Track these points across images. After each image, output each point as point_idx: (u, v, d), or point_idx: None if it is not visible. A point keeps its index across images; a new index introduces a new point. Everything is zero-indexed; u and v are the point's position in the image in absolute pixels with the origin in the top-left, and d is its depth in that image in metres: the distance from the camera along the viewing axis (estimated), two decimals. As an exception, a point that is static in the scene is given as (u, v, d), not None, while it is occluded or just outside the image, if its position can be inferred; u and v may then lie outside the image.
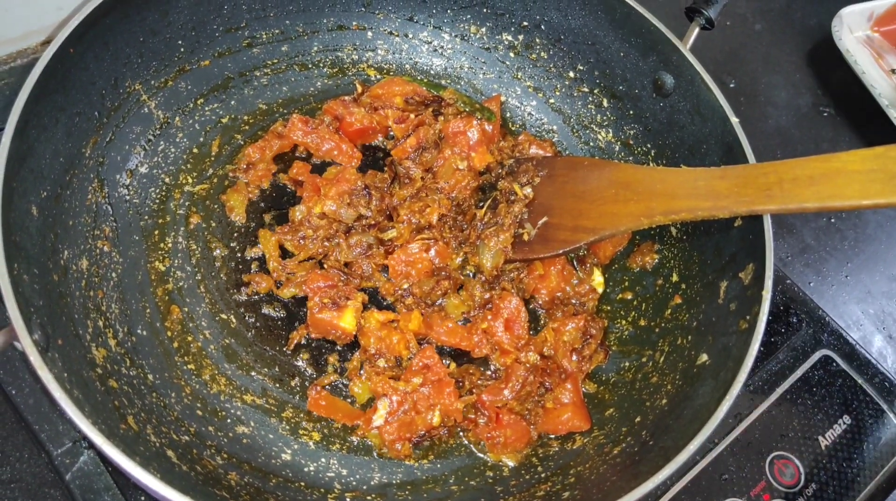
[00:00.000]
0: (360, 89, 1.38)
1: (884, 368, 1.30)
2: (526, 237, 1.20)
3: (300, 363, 1.14)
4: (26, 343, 0.80)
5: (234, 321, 1.15)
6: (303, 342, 1.15)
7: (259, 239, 1.21)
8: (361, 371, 1.13)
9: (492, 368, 1.16)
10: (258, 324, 1.16)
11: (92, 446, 1.01)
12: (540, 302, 1.24)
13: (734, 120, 1.13)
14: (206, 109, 1.30)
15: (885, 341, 1.40)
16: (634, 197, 1.08)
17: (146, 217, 1.19)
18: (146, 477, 0.77)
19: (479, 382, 1.13)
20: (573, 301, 1.24)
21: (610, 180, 1.13)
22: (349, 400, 1.12)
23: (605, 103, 1.37)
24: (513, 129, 1.43)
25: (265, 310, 1.17)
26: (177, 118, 1.26)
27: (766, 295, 0.99)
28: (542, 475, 1.07)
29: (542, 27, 1.37)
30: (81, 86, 1.08)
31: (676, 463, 0.88)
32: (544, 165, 1.25)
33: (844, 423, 1.23)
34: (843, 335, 1.32)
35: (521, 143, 1.36)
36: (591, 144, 1.40)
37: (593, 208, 1.13)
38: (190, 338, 1.12)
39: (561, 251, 1.17)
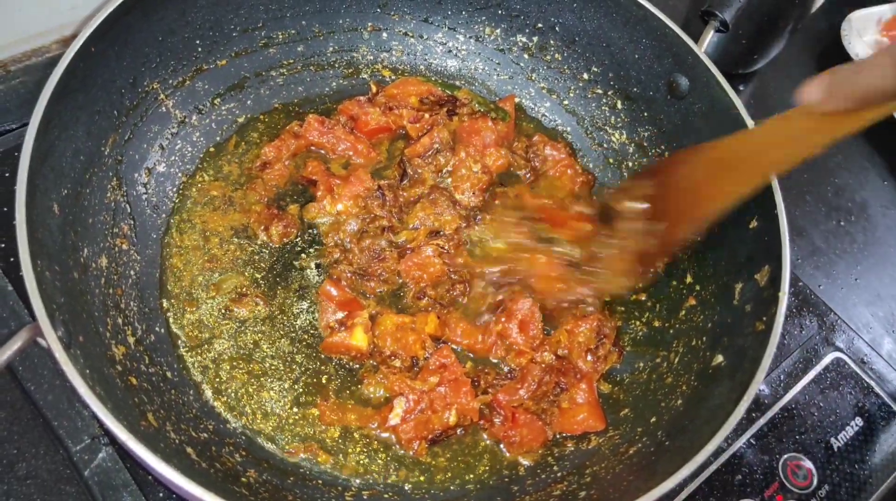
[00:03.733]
0: (374, 89, 1.38)
1: (895, 371, 1.31)
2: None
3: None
4: (51, 339, 0.80)
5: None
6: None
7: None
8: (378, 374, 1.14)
9: (507, 368, 1.17)
10: (274, 323, 1.16)
11: (112, 442, 1.02)
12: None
13: (750, 123, 1.14)
14: (223, 108, 1.31)
15: (894, 343, 1.40)
16: (731, 169, 1.02)
17: (164, 215, 1.20)
18: (170, 473, 0.78)
19: (494, 381, 1.14)
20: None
21: (712, 161, 1.07)
22: (362, 400, 1.12)
23: (619, 105, 1.38)
24: (527, 130, 1.43)
25: (281, 309, 1.18)
26: (194, 117, 1.27)
27: (783, 297, 1.00)
28: (559, 474, 1.07)
29: (557, 29, 1.38)
30: (102, 85, 1.09)
31: (694, 464, 0.88)
32: (652, 173, 1.19)
33: (857, 425, 1.23)
34: (854, 338, 1.32)
35: (536, 144, 1.36)
36: (605, 145, 1.40)
37: (700, 196, 1.07)
38: (207, 335, 1.12)
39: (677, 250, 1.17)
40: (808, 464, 1.18)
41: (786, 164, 0.96)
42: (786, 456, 1.18)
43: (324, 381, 1.12)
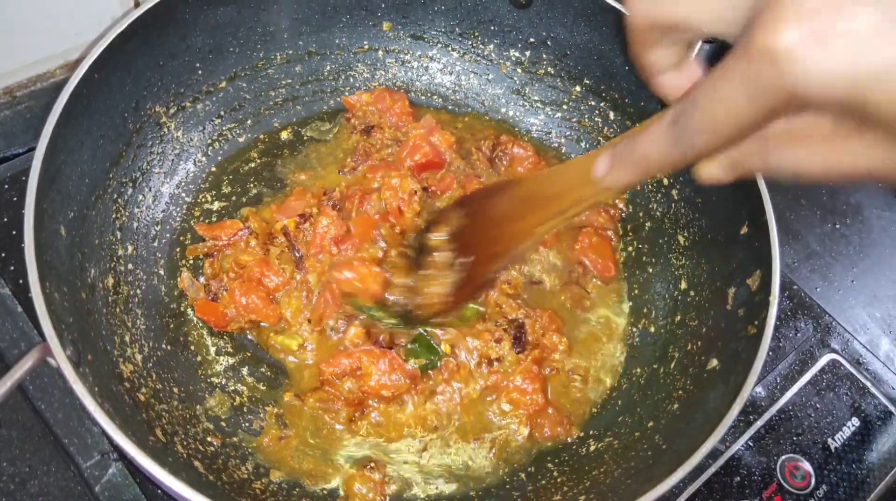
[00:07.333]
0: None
1: (892, 371, 1.32)
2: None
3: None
4: (61, 359, 0.83)
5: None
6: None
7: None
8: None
9: None
10: (278, 337, 1.19)
11: (122, 458, 1.04)
12: None
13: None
14: (224, 129, 1.34)
15: (891, 344, 1.42)
16: (531, 207, 0.99)
17: (168, 235, 1.23)
18: (179, 486, 0.80)
19: None
20: None
21: (516, 197, 1.04)
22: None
23: (611, 116, 1.40)
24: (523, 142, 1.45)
25: (284, 323, 1.20)
26: (196, 139, 1.30)
27: (774, 301, 1.01)
28: (558, 479, 1.09)
29: (549, 43, 1.40)
30: (105, 109, 1.12)
31: (689, 466, 0.89)
32: (464, 203, 1.17)
33: (853, 425, 1.25)
34: (850, 339, 1.34)
35: (504, 143, 1.39)
36: (599, 156, 1.42)
37: (504, 231, 1.05)
38: (213, 351, 1.15)
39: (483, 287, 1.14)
40: (806, 465, 1.20)
41: (573, 208, 0.91)
42: (783, 457, 1.20)
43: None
